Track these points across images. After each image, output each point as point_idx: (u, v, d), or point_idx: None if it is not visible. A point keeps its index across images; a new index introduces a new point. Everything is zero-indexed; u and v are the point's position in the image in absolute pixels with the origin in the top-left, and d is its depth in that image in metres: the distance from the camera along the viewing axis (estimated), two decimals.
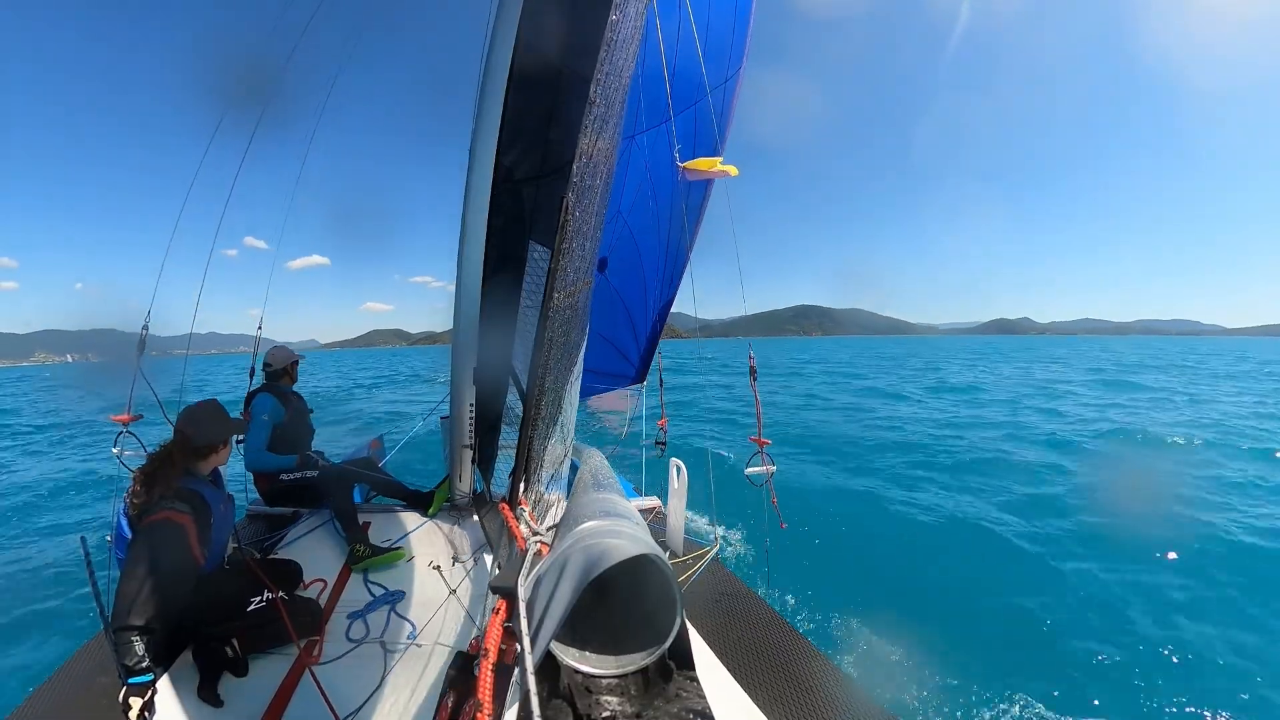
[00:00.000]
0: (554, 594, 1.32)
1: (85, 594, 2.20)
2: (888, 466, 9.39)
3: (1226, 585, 4.91)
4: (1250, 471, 8.56)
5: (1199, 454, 10.03)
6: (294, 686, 2.01)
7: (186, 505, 2.05)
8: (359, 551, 2.90)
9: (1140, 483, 8.33)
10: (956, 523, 6.71)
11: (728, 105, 6.32)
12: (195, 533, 2.05)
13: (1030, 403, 17.29)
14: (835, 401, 19.11)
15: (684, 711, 1.31)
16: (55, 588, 4.90)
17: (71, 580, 4.97)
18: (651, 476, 4.80)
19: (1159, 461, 9.97)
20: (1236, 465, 8.98)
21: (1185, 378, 26.33)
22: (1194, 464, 9.20)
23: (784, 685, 2.19)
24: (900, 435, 12.17)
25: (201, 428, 2.24)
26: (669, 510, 3.46)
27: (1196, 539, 5.84)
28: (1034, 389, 21.55)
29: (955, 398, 19.19)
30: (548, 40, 2.36)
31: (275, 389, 3.58)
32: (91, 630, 2.33)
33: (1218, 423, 13.04)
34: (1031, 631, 4.26)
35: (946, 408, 16.71)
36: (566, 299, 2.36)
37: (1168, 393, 19.85)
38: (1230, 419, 13.57)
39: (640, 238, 6.63)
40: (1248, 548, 5.69)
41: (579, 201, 2.21)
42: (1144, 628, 4.24)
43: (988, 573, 5.36)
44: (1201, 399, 17.85)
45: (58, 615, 4.43)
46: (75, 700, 1.97)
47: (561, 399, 2.81)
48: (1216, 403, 16.86)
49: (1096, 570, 5.27)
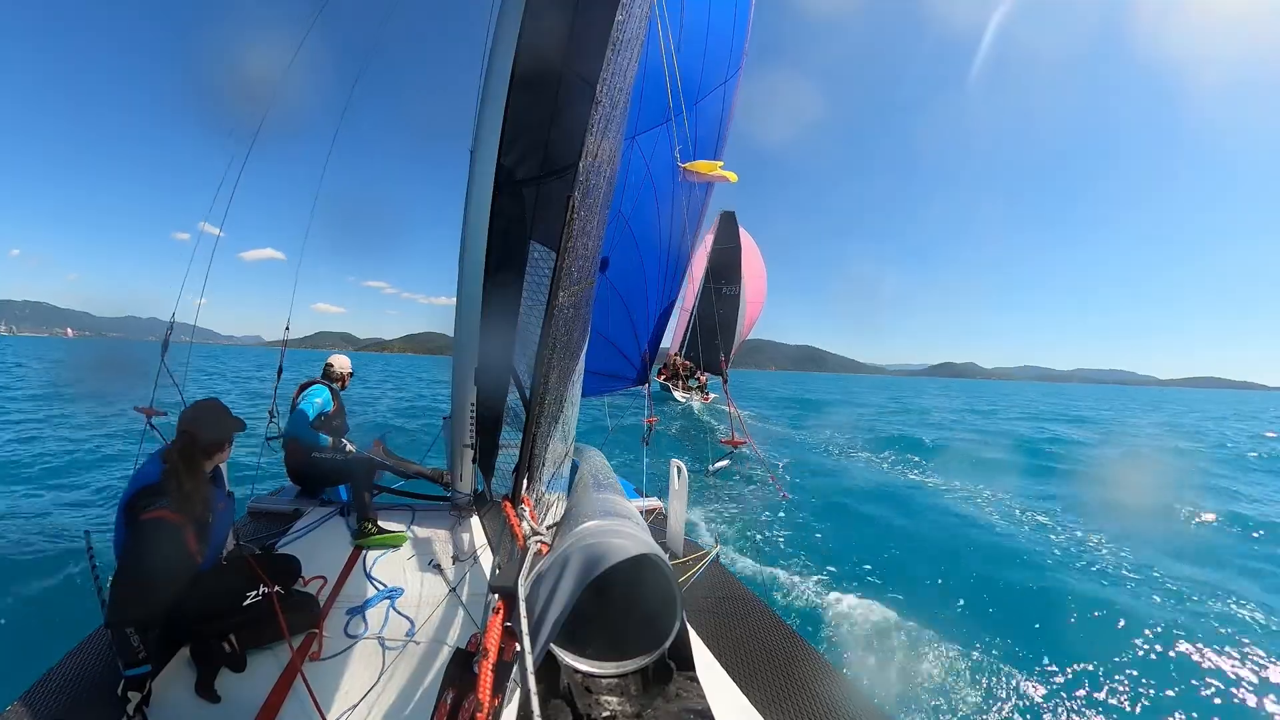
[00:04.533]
0: (554, 593, 1.32)
1: (86, 587, 2.20)
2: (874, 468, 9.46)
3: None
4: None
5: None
6: (291, 682, 2.01)
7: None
8: (367, 529, 3.21)
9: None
10: (956, 521, 6.74)
11: (727, 106, 6.32)
12: (192, 531, 2.05)
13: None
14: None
15: (683, 712, 1.31)
16: (56, 579, 4.90)
17: (74, 572, 4.97)
18: (652, 477, 4.80)
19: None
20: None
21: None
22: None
23: (783, 686, 2.19)
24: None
25: (205, 426, 2.25)
26: (669, 511, 3.46)
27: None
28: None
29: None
30: (550, 41, 2.37)
31: (330, 386, 4.07)
32: (92, 623, 2.33)
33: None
34: (1032, 627, 4.28)
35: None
36: (570, 298, 2.37)
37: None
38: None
39: (641, 239, 6.64)
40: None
41: (584, 200, 2.22)
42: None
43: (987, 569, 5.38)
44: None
45: (59, 608, 4.43)
46: (74, 693, 1.97)
47: (563, 398, 2.82)
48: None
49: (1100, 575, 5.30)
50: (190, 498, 2.07)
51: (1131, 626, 4.30)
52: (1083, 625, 4.43)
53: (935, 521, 7.05)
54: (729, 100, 6.41)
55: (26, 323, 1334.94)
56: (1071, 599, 4.77)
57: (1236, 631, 4.31)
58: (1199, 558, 6.16)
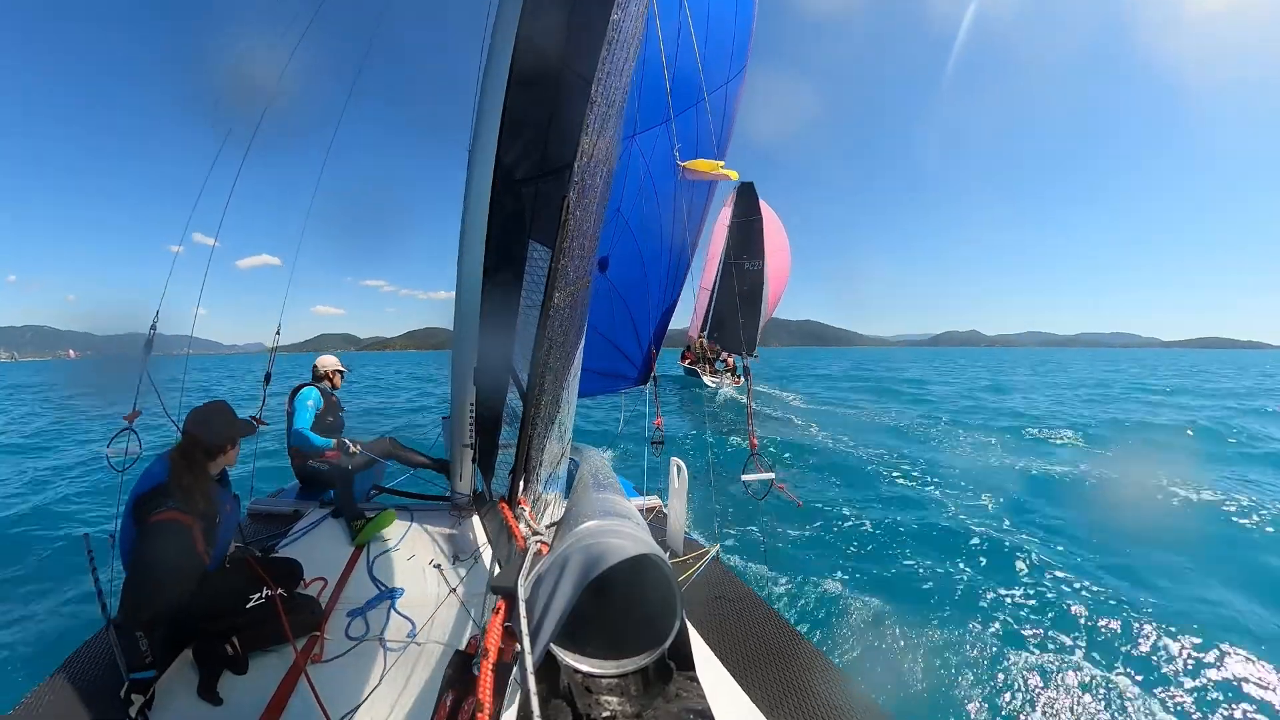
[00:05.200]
0: (554, 593, 1.32)
1: (88, 591, 2.20)
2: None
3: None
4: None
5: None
6: (294, 685, 2.01)
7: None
8: (357, 526, 3.21)
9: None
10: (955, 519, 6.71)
11: (730, 106, 6.32)
12: (201, 533, 2.06)
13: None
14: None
15: (684, 711, 1.31)
16: (57, 583, 4.91)
17: (75, 576, 4.98)
18: (652, 476, 4.80)
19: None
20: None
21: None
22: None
23: (784, 685, 2.19)
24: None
25: (211, 429, 2.25)
26: (669, 510, 3.46)
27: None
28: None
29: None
30: (549, 40, 2.36)
31: (318, 386, 4.16)
32: (92, 626, 2.33)
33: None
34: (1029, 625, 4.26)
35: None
36: (566, 298, 2.37)
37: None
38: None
39: (641, 238, 6.64)
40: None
41: (579, 200, 2.21)
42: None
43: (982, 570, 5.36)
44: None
45: (59, 610, 4.45)
46: (76, 697, 1.98)
47: (560, 398, 2.82)
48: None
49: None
50: (193, 497, 2.07)
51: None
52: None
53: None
54: (731, 100, 6.41)
55: (29, 347, 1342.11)
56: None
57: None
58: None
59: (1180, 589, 4.93)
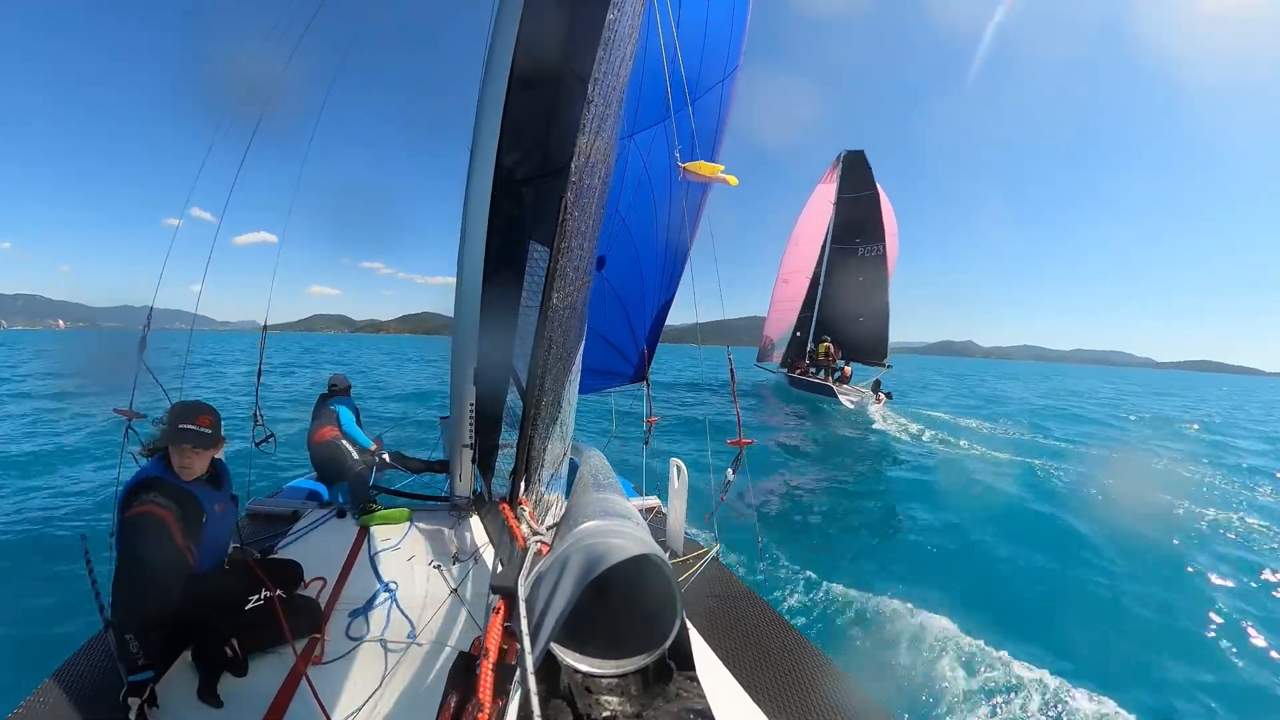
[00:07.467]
0: (554, 593, 1.32)
1: (86, 590, 2.19)
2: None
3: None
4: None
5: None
6: (294, 687, 2.01)
7: (171, 501, 2.03)
8: (370, 507, 3.50)
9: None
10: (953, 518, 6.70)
11: (725, 104, 6.31)
12: (179, 528, 2.03)
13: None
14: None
15: (684, 711, 1.31)
16: (55, 582, 4.89)
17: (73, 575, 4.96)
18: (651, 476, 4.80)
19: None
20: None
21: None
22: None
23: (784, 685, 2.20)
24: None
25: (165, 429, 2.18)
26: (669, 510, 3.47)
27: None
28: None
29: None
30: (548, 41, 2.36)
31: (342, 399, 4.45)
32: (92, 628, 2.32)
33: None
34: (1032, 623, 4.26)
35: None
36: (565, 299, 2.36)
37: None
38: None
39: (638, 237, 6.63)
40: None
41: (577, 201, 2.21)
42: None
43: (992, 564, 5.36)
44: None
45: (58, 612, 4.43)
46: (77, 698, 1.97)
47: (561, 398, 2.82)
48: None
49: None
50: (166, 493, 2.04)
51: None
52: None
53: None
54: (726, 98, 6.40)
55: (19, 316, 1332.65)
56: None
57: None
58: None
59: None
